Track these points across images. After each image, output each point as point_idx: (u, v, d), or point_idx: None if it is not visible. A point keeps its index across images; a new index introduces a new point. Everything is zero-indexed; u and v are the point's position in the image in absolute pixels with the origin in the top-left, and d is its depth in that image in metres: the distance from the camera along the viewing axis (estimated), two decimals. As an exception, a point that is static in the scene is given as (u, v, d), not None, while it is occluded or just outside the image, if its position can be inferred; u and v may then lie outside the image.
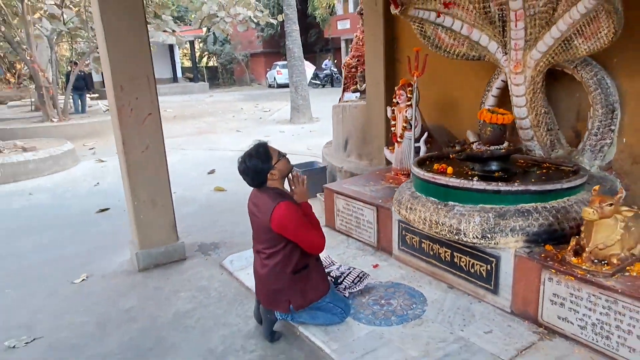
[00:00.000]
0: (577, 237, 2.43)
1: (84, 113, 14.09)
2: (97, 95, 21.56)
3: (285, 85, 20.77)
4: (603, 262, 2.32)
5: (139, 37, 3.35)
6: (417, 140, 3.92)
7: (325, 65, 27.62)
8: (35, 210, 5.50)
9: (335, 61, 29.19)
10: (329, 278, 3.05)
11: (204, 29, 13.20)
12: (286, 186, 2.68)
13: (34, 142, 8.24)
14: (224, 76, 34.11)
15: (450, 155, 3.26)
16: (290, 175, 2.68)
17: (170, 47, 29.81)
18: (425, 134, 3.91)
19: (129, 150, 3.47)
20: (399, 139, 3.99)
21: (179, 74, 31.74)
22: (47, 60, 13.09)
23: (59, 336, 2.80)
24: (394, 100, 4.01)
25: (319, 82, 26.23)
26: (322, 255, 3.41)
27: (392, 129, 4.07)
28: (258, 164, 2.49)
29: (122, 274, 3.62)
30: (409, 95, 3.85)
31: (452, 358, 2.32)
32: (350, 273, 3.08)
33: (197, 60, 34.02)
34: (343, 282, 3.02)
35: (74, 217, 5.16)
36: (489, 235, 2.60)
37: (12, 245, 4.38)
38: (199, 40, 33.24)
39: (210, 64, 36.49)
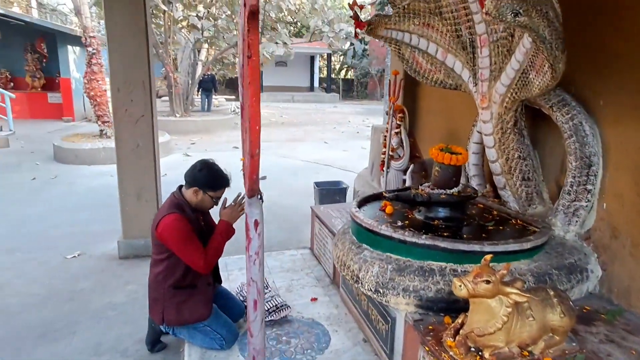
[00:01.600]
0: (465, 314, 1.96)
1: (209, 111, 15.73)
2: (233, 97, 23.91)
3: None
4: (479, 352, 1.84)
5: (139, 46, 3.66)
6: (404, 171, 3.56)
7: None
8: (104, 190, 6.29)
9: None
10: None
11: (328, 43, 13.61)
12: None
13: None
14: (358, 89, 34.99)
15: (383, 194, 2.87)
16: (238, 196, 2.65)
17: (311, 58, 31.70)
18: (412, 166, 3.52)
19: (120, 147, 3.81)
20: (384, 169, 3.66)
21: (316, 83, 33.39)
22: (189, 64, 14.98)
23: (13, 300, 3.21)
24: (387, 126, 3.70)
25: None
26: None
27: (382, 156, 3.75)
28: (202, 178, 2.50)
29: (105, 258, 3.99)
30: (398, 122, 3.52)
31: (289, 418, 2.06)
32: (269, 301, 2.93)
33: (337, 72, 35.43)
34: (259, 309, 2.89)
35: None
36: (381, 290, 2.25)
37: (55, 215, 5.12)
38: (339, 53, 34.57)
39: (348, 76, 37.65)
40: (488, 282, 1.75)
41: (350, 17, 2.95)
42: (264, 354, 1.50)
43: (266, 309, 2.87)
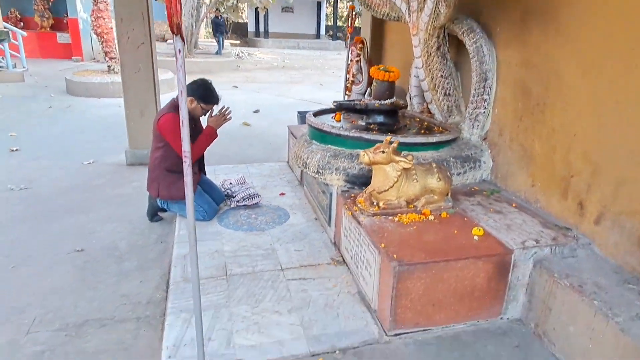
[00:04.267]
0: (374, 184, 2.70)
1: (220, 54, 16.22)
2: (238, 42, 24.05)
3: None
4: (378, 204, 2.59)
5: (139, -19, 4.26)
6: (364, 94, 4.23)
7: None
8: (113, 118, 7.01)
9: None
10: (228, 192, 3.74)
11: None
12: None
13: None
14: (365, 36, 34.79)
15: (332, 104, 3.57)
16: (223, 108, 3.37)
17: (318, 5, 31.30)
18: (369, 90, 4.18)
19: (124, 70, 4.49)
20: (347, 92, 4.33)
21: (323, 31, 33.13)
22: (192, 6, 15.27)
23: (43, 189, 4.03)
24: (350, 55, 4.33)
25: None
26: (238, 174, 4.11)
27: (347, 83, 4.41)
28: (200, 91, 3.20)
29: (115, 164, 4.77)
30: (358, 52, 4.14)
31: (249, 257, 2.86)
32: (244, 191, 3.70)
33: (344, 20, 35.02)
34: (236, 196, 3.67)
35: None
36: (320, 171, 2.99)
37: (71, 135, 5.89)
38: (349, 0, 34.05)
39: (356, 24, 37.20)
40: (383, 152, 2.47)
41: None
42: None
43: (241, 196, 3.65)
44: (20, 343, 2.11)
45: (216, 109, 3.35)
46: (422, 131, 3.29)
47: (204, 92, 3.21)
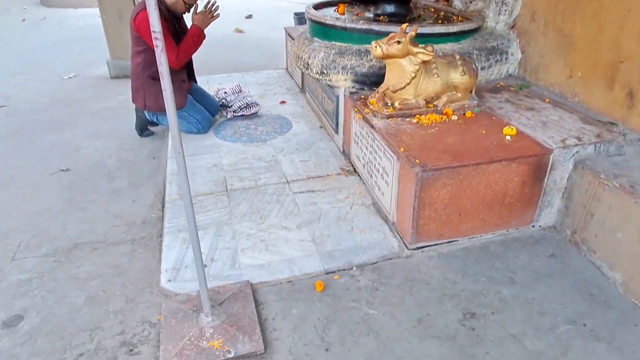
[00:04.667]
0: (388, 83, 2.35)
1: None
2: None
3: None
4: (393, 104, 2.26)
5: None
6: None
7: None
8: (92, 28, 6.40)
9: None
10: (224, 102, 3.40)
11: None
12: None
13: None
14: None
15: None
16: (208, 3, 2.88)
17: None
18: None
19: (95, -35, 3.91)
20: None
21: None
22: None
23: (22, 106, 3.68)
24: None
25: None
26: (233, 83, 3.73)
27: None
28: None
29: (99, 77, 4.38)
30: None
31: (250, 170, 2.60)
32: (241, 100, 3.35)
33: None
34: (232, 106, 3.33)
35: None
36: (325, 71, 2.62)
37: (49, 48, 5.40)
38: None
39: None
40: (399, 42, 2.09)
41: None
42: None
43: (238, 105, 3.32)
44: (5, 270, 1.92)
45: (201, 4, 2.90)
46: (439, 21, 2.86)
47: None
